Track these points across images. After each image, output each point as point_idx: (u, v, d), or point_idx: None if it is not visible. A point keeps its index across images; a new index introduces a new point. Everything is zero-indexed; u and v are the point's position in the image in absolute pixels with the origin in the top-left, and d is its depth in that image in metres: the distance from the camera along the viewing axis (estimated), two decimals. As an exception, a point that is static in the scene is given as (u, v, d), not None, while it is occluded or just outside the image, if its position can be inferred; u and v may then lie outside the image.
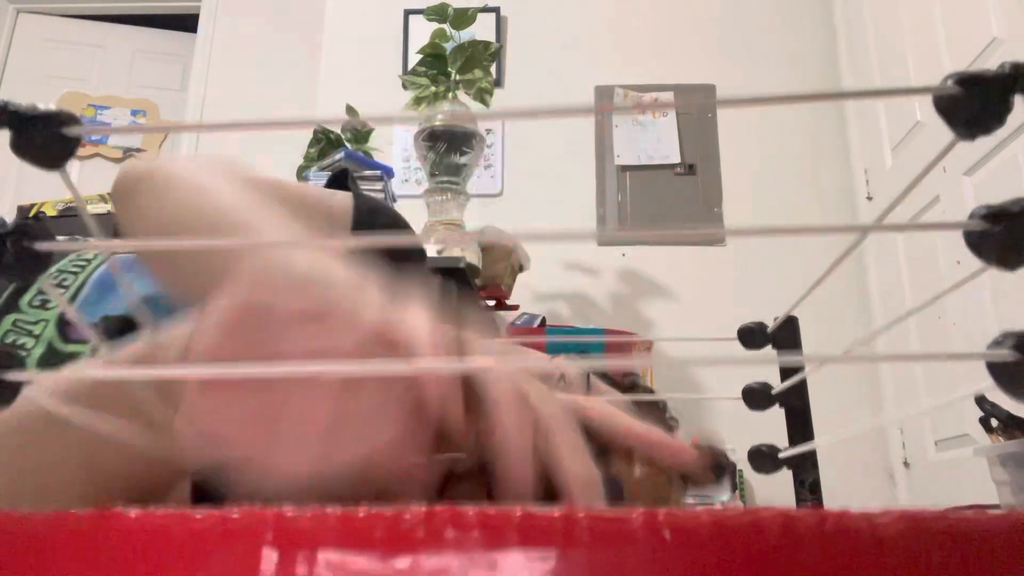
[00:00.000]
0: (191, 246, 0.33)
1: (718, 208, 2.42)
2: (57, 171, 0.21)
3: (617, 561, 0.14)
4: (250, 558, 0.15)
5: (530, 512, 0.15)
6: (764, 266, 2.29)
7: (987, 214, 0.18)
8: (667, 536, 0.14)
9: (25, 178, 3.19)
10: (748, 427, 0.78)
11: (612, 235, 2.37)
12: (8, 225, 0.20)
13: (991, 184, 1.63)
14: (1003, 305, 1.56)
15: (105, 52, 3.61)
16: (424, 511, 0.15)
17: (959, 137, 0.19)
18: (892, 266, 2.11)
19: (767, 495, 1.95)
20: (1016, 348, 0.17)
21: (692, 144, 2.47)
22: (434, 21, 1.80)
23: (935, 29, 1.86)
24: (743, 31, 2.56)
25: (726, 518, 0.14)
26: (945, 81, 0.18)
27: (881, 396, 2.18)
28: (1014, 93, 0.18)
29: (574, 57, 2.58)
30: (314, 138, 1.93)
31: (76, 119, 0.21)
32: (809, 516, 0.14)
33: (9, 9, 3.50)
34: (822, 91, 2.60)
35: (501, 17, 2.65)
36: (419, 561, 0.14)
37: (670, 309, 2.32)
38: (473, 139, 1.70)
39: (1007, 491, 1.11)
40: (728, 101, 0.25)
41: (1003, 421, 1.16)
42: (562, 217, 2.42)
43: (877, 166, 2.25)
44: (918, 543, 0.14)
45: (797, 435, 0.46)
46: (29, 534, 0.15)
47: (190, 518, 0.15)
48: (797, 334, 0.47)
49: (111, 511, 0.16)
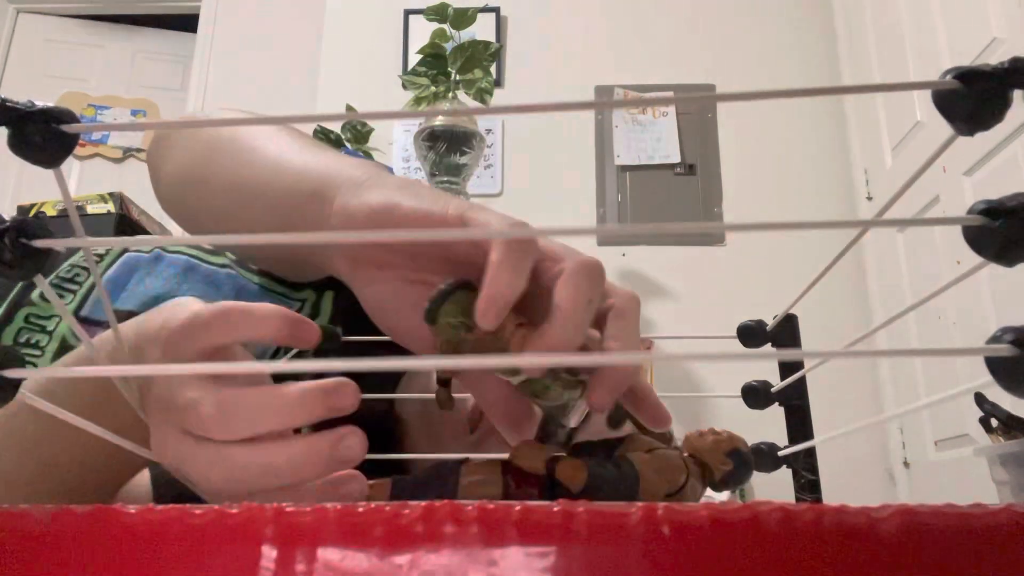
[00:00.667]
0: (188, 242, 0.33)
1: (718, 208, 2.41)
2: (54, 169, 0.21)
3: (616, 556, 0.14)
4: (250, 555, 0.15)
5: (529, 508, 0.15)
6: (764, 266, 2.29)
7: (986, 209, 0.18)
8: (666, 531, 0.14)
9: (25, 178, 3.19)
10: (748, 426, 0.78)
11: (612, 234, 2.37)
12: (6, 221, 0.20)
13: (991, 184, 1.63)
14: (1003, 305, 1.56)
15: (105, 52, 3.61)
16: (423, 507, 0.15)
17: (958, 132, 0.19)
18: (892, 266, 2.11)
19: (766, 494, 1.95)
20: (1015, 343, 0.17)
21: (692, 144, 2.47)
22: (434, 21, 1.80)
23: (935, 29, 1.86)
24: (743, 31, 2.56)
25: (725, 513, 0.14)
26: (945, 76, 0.18)
27: (881, 396, 2.18)
28: (1013, 88, 0.18)
29: (574, 57, 2.58)
30: (314, 137, 1.93)
31: (74, 116, 0.21)
32: (807, 511, 0.14)
33: (9, 9, 3.50)
34: (821, 86, 2.60)
35: (501, 17, 2.65)
36: (418, 557, 0.14)
37: (670, 309, 2.32)
38: (473, 139, 1.69)
39: (1007, 491, 1.11)
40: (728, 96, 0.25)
41: (1003, 421, 1.16)
42: (562, 217, 2.42)
43: (877, 166, 2.25)
44: (915, 538, 0.14)
45: (797, 433, 0.46)
46: (30, 530, 0.15)
47: (190, 515, 0.15)
48: (797, 332, 0.47)
49: (111, 507, 0.16)
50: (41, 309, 0.52)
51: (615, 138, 2.50)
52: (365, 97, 2.49)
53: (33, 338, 0.50)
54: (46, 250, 0.21)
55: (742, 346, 0.44)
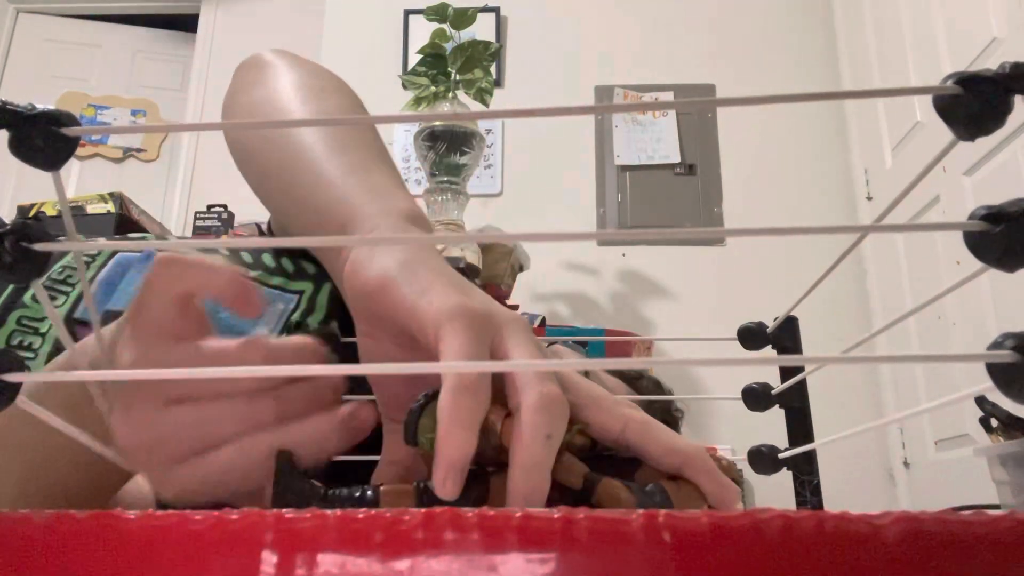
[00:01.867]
0: (189, 244, 0.33)
1: (718, 208, 2.41)
2: (55, 172, 0.21)
3: (617, 563, 0.14)
4: (250, 561, 0.15)
5: (529, 514, 0.15)
6: (764, 266, 2.29)
7: (987, 215, 0.18)
8: (667, 538, 0.14)
9: (25, 178, 3.19)
10: (748, 427, 0.78)
11: (612, 235, 2.37)
12: (7, 225, 0.20)
13: (991, 184, 1.63)
14: (1003, 305, 1.56)
15: (105, 52, 3.60)
16: (423, 513, 0.15)
17: (959, 138, 0.19)
18: (892, 266, 2.11)
19: (766, 495, 1.95)
20: (1016, 350, 0.17)
21: (692, 144, 2.47)
22: (434, 21, 1.80)
23: (935, 29, 1.86)
24: (743, 31, 2.56)
25: (726, 520, 0.14)
26: (945, 81, 0.18)
27: (881, 396, 2.18)
28: (1014, 93, 0.17)
29: (574, 57, 2.58)
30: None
31: (74, 119, 0.21)
32: (808, 518, 0.14)
33: (9, 9, 3.50)
34: (822, 92, 2.60)
35: (501, 17, 2.65)
36: (418, 563, 0.14)
37: (670, 309, 2.32)
38: (473, 139, 1.69)
39: (1007, 491, 1.11)
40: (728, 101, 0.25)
41: (1003, 421, 1.15)
42: (562, 217, 2.42)
43: (877, 166, 2.25)
44: (918, 546, 0.14)
45: (797, 435, 0.46)
46: (29, 536, 0.15)
47: (189, 520, 0.15)
48: (797, 334, 0.47)
49: (111, 513, 0.16)
50: (33, 311, 0.52)
51: (615, 138, 2.50)
52: (365, 97, 2.49)
53: (26, 340, 0.50)
54: (46, 253, 0.21)
55: (742, 348, 0.44)
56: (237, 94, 0.55)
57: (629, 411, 0.30)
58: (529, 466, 0.25)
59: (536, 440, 0.25)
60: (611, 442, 0.29)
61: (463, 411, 0.25)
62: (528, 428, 0.25)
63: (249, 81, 0.54)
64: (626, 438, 0.29)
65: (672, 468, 0.29)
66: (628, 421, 0.29)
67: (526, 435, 0.25)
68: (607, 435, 0.29)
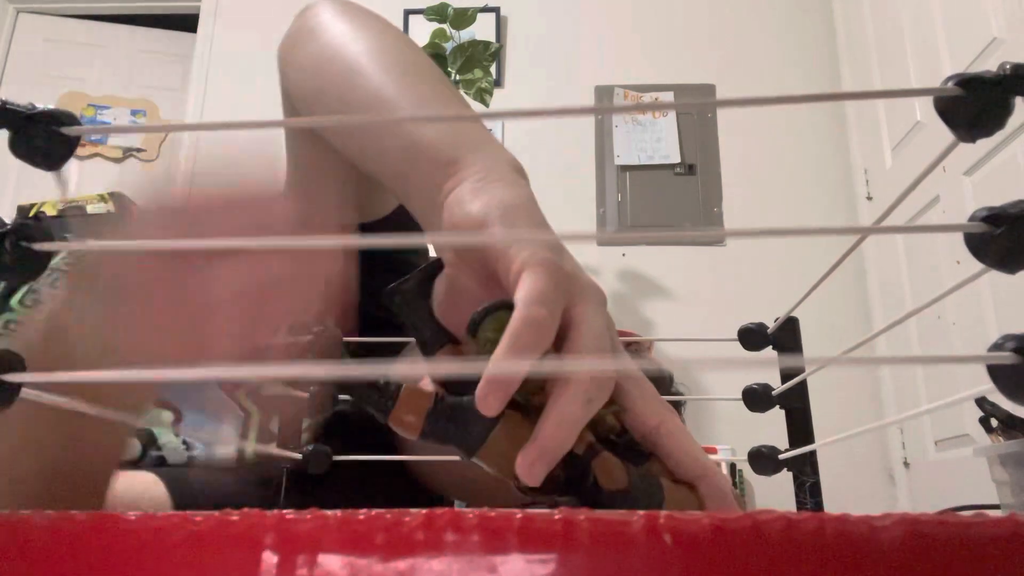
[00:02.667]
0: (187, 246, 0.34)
1: (718, 208, 2.41)
2: (56, 171, 0.21)
3: (617, 565, 0.14)
4: (250, 561, 0.15)
5: (530, 515, 0.15)
6: (764, 267, 2.29)
7: (988, 216, 0.18)
8: (668, 540, 0.14)
9: (25, 178, 3.19)
10: (748, 428, 0.78)
11: (612, 235, 2.37)
12: (7, 225, 0.20)
13: (991, 184, 1.63)
14: (1003, 305, 1.56)
15: (105, 52, 3.60)
16: (424, 514, 0.15)
17: (960, 139, 0.19)
18: (892, 266, 2.11)
19: (767, 496, 1.95)
20: (1016, 351, 0.17)
21: (692, 144, 2.47)
22: (434, 21, 1.80)
23: (935, 29, 1.86)
24: (743, 31, 2.56)
25: (726, 522, 0.14)
26: (946, 83, 0.18)
27: (881, 396, 2.18)
28: (1014, 95, 0.17)
29: (574, 57, 2.58)
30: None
31: (75, 119, 0.21)
32: (809, 520, 0.14)
33: (9, 9, 3.49)
34: (822, 92, 2.60)
35: (501, 17, 2.65)
36: (419, 564, 0.14)
37: (670, 309, 2.32)
38: (473, 139, 1.70)
39: (1007, 491, 1.11)
40: (728, 101, 0.25)
41: (1003, 421, 1.15)
42: (562, 217, 2.42)
43: (877, 166, 2.25)
44: (918, 548, 0.14)
45: (797, 436, 0.46)
46: (30, 536, 0.15)
47: (190, 521, 0.15)
48: (797, 335, 0.47)
49: (112, 514, 0.16)
50: (22, 314, 0.52)
51: (615, 138, 2.50)
52: (365, 97, 2.49)
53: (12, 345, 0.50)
54: (46, 253, 0.21)
55: (743, 348, 0.44)
56: (294, 48, 0.54)
57: (669, 413, 0.30)
58: (564, 421, 0.25)
59: (578, 398, 0.26)
60: (640, 435, 0.30)
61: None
62: (576, 385, 0.26)
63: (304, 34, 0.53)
64: (658, 435, 0.29)
65: (690, 476, 0.29)
66: (665, 421, 0.30)
67: (572, 390, 0.26)
68: (640, 426, 0.30)
